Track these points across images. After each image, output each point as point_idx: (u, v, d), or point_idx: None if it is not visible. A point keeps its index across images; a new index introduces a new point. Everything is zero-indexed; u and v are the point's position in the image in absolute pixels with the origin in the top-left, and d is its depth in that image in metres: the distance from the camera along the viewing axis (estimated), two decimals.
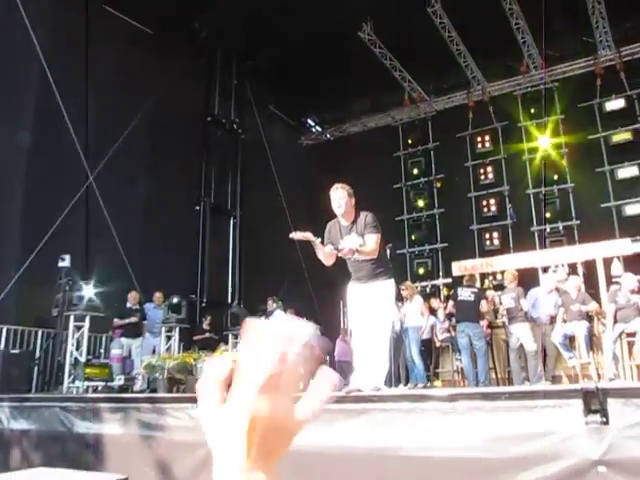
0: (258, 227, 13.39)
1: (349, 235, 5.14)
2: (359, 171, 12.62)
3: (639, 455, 3.03)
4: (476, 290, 9.39)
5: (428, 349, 10.03)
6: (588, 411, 3.25)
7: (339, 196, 5.14)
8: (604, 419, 3.17)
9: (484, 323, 9.30)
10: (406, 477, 3.60)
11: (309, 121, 17.64)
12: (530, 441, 3.37)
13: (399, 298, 9.81)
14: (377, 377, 4.94)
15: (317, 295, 13.17)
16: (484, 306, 9.28)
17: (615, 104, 12.86)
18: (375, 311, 5.04)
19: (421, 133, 15.22)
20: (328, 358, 12.02)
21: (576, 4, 12.00)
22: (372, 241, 5.06)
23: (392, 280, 5.23)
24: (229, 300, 13.12)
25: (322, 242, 5.13)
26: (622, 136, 12.70)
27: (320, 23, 12.04)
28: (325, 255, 5.11)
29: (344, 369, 9.06)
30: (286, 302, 12.66)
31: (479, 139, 14.28)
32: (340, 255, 5.08)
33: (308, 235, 4.98)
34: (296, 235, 5.01)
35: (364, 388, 4.69)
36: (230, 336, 11.42)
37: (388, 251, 5.62)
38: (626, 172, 12.58)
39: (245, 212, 13.85)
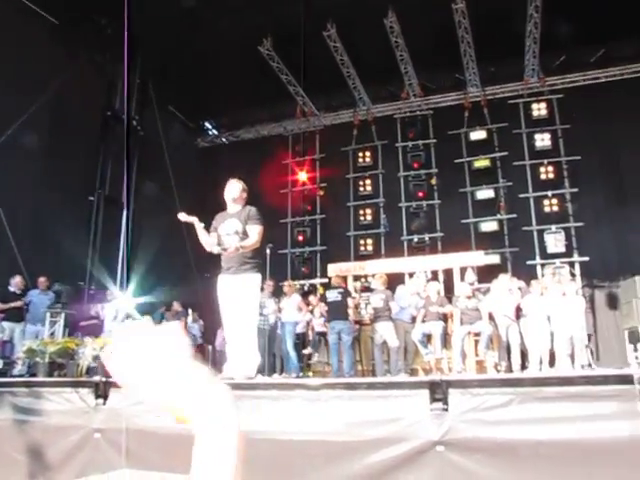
0: (150, 221, 13.02)
1: (231, 219, 5.19)
2: (250, 174, 12.42)
3: (469, 435, 3.27)
4: (342, 290, 9.58)
5: (302, 342, 10.19)
6: (433, 399, 3.45)
7: (234, 186, 5.31)
8: (445, 406, 3.39)
9: (352, 319, 9.56)
10: (273, 459, 3.65)
11: (206, 124, 17.37)
12: (383, 425, 3.52)
13: (279, 293, 9.93)
14: (248, 366, 4.94)
15: (202, 286, 12.99)
16: (350, 304, 9.54)
17: (478, 135, 13.60)
18: (242, 303, 5.02)
19: (309, 144, 15.41)
20: (210, 348, 11.90)
21: (451, 46, 12.60)
22: (255, 232, 5.12)
23: (259, 275, 5.21)
24: (117, 288, 12.66)
25: (207, 229, 5.19)
26: (482, 163, 13.48)
27: (224, 34, 11.97)
28: (206, 241, 5.15)
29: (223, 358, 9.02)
30: (173, 293, 12.44)
31: (361, 154, 14.59)
32: (227, 254, 5.06)
33: (194, 219, 5.05)
34: (183, 216, 5.05)
35: (236, 376, 4.69)
36: None
37: (268, 250, 5.65)
38: (484, 194, 13.34)
39: (139, 206, 13.40)
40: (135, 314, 10.37)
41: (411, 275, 11.42)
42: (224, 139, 17.10)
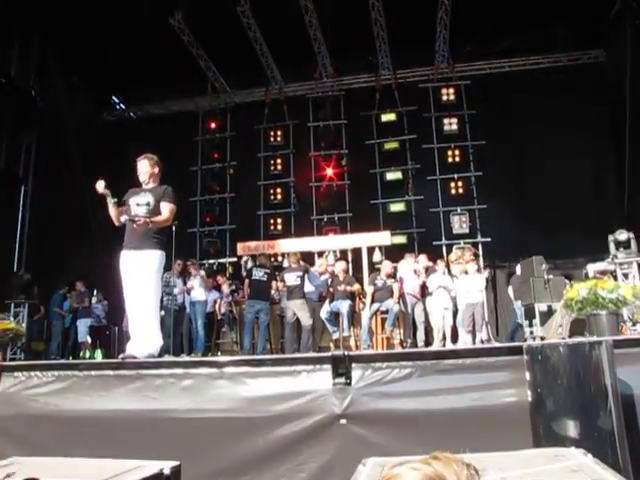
0: (52, 197, 12.37)
1: (144, 193, 5.16)
2: (159, 151, 12.00)
3: (369, 408, 3.37)
4: (269, 271, 9.60)
5: (211, 322, 10.10)
6: (336, 374, 3.52)
7: (143, 164, 5.30)
8: (348, 380, 3.46)
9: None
10: (178, 437, 3.61)
11: (113, 98, 16.61)
12: (288, 401, 3.55)
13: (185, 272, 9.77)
14: (150, 344, 4.85)
15: (109, 266, 12.55)
16: (273, 286, 9.57)
17: (389, 117, 13.83)
18: (141, 280, 4.94)
19: (221, 122, 15.08)
20: (117, 329, 11.55)
21: (365, 28, 12.65)
22: (167, 209, 5.10)
23: (161, 252, 5.11)
24: (15, 269, 12.02)
25: (118, 204, 5.15)
26: (391, 145, 13.75)
27: (134, 4, 11.40)
28: (115, 214, 5.11)
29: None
30: (78, 274, 11.97)
31: (272, 133, 14.49)
32: (135, 226, 4.96)
33: (107, 193, 5.02)
34: (100, 187, 4.98)
35: (139, 355, 4.60)
36: (12, 305, 10.51)
37: (174, 228, 5.55)
38: (392, 175, 13.62)
39: (39, 181, 12.69)
40: None
41: (320, 254, 11.55)
42: (132, 114, 16.45)
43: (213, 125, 15.13)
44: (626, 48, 11.24)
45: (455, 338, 9.29)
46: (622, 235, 9.08)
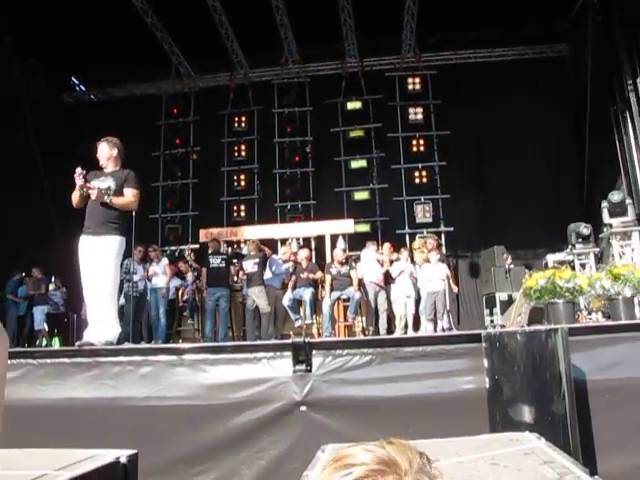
0: (7, 181, 11.99)
1: (106, 177, 5.07)
2: (120, 135, 11.70)
3: (330, 395, 3.38)
4: (225, 257, 9.56)
5: (172, 309, 10.01)
6: (296, 361, 3.52)
7: (103, 147, 5.25)
8: (308, 367, 3.46)
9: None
10: (135, 426, 3.56)
11: (73, 79, 16.15)
12: (248, 388, 3.53)
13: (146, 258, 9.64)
14: (108, 332, 4.78)
15: (68, 252, 12.27)
16: (232, 271, 9.54)
17: (354, 105, 13.82)
18: (98, 265, 4.87)
19: (184, 106, 14.82)
20: (76, 317, 11.34)
21: (332, 14, 12.55)
22: (130, 194, 5.06)
23: (120, 237, 5.06)
24: None
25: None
26: (357, 133, 13.73)
27: None
28: (76, 195, 5.01)
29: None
30: (35, 260, 11.72)
31: (236, 119, 14.35)
32: (94, 198, 4.89)
33: (82, 184, 4.95)
34: (79, 177, 4.91)
35: (96, 342, 4.52)
36: None
37: (134, 213, 5.47)
38: (357, 164, 13.62)
39: None
40: None
41: (283, 242, 11.53)
42: (93, 96, 16.04)
43: (176, 109, 14.86)
44: (587, 45, 11.43)
45: (417, 326, 9.40)
46: (586, 230, 9.40)
